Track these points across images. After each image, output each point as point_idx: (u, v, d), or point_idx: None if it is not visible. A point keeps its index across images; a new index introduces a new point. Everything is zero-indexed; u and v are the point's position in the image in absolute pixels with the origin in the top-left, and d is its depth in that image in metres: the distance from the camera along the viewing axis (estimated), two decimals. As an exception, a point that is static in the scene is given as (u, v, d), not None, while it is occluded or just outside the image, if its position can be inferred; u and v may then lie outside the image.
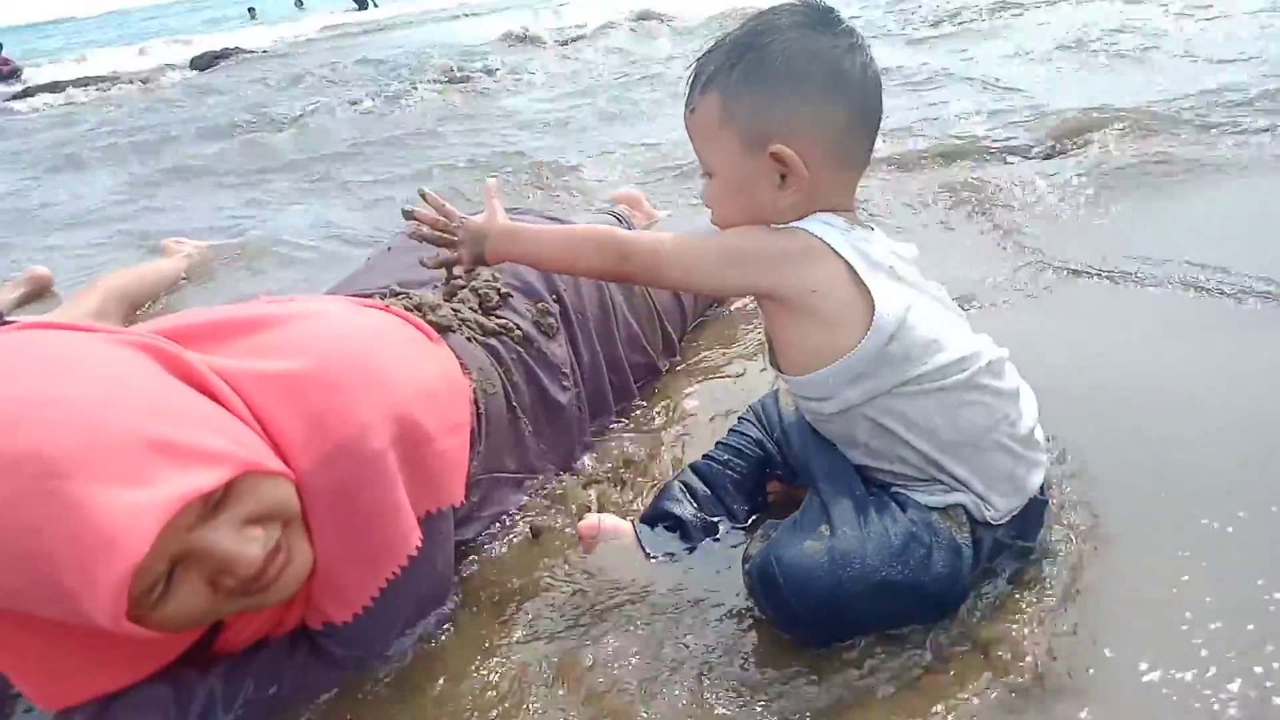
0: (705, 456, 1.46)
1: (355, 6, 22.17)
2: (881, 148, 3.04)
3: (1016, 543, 1.21)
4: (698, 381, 1.87)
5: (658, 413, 1.77)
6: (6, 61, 12.45)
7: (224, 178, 4.66)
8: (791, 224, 1.15)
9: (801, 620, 1.14)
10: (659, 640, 1.21)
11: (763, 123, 1.12)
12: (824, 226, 1.14)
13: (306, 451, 1.09)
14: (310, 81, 7.58)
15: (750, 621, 1.22)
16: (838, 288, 1.12)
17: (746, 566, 1.19)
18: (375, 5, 22.21)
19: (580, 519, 1.42)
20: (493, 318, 1.54)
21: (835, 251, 1.12)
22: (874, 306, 1.10)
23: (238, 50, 12.03)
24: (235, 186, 4.44)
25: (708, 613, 1.25)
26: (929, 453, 1.16)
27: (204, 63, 11.36)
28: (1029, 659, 1.09)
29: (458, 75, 6.72)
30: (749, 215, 1.17)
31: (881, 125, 1.19)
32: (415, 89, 6.31)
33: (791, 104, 1.11)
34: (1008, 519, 1.18)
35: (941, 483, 1.17)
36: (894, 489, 1.20)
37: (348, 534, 1.13)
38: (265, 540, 1.02)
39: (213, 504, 0.98)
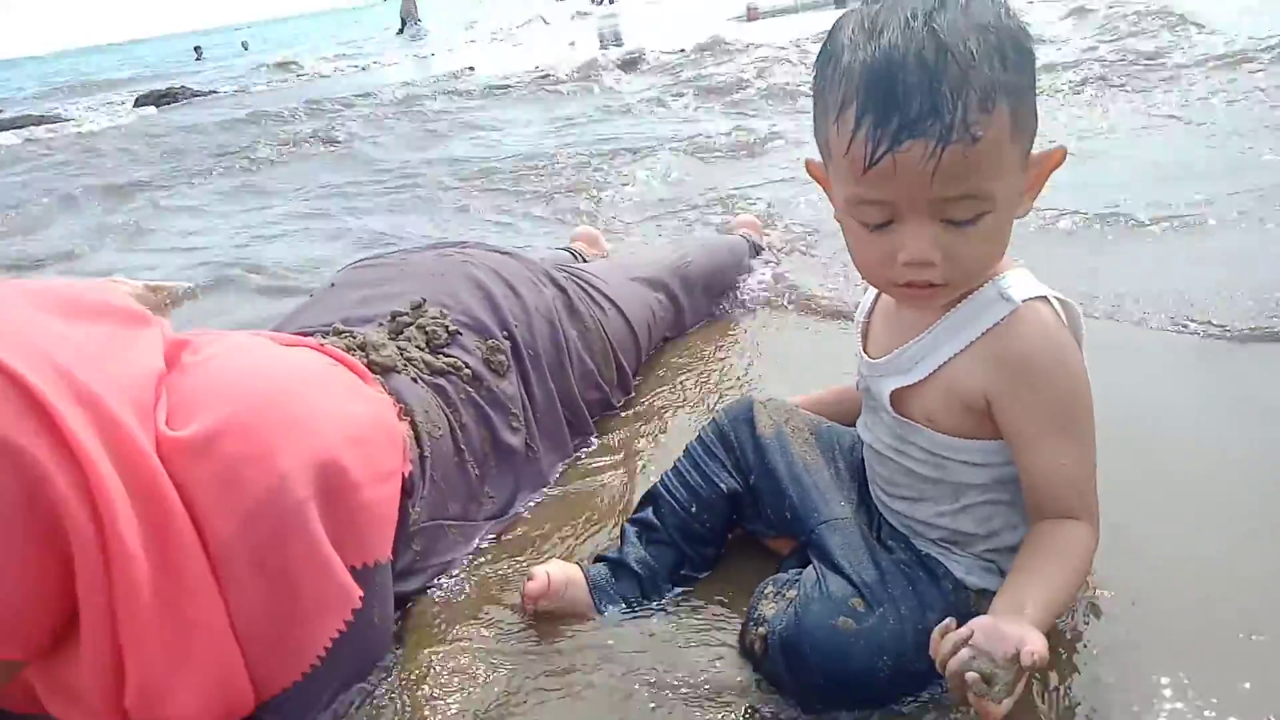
0: (665, 487, 1.35)
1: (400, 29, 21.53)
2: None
3: None
4: (655, 416, 1.83)
5: (614, 450, 1.72)
6: None
7: (173, 217, 4.56)
8: (1029, 294, 1.00)
9: (818, 693, 1.07)
10: (616, 708, 1.12)
11: (1033, 120, 0.94)
12: (1043, 285, 1.03)
13: (225, 513, 1.02)
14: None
15: (720, 682, 1.14)
16: None
17: (762, 630, 1.11)
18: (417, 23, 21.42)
19: (528, 576, 1.29)
20: (440, 356, 1.48)
21: (1060, 316, 1.02)
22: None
23: (184, 89, 11.88)
24: (182, 226, 4.34)
25: (672, 676, 1.16)
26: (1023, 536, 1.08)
27: (150, 100, 11.20)
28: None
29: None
30: (1000, 252, 1.00)
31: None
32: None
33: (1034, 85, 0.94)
34: None
35: (993, 563, 1.11)
36: (921, 548, 1.14)
37: (280, 594, 1.05)
38: None
39: None
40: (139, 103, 11.32)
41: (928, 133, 0.87)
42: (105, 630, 0.96)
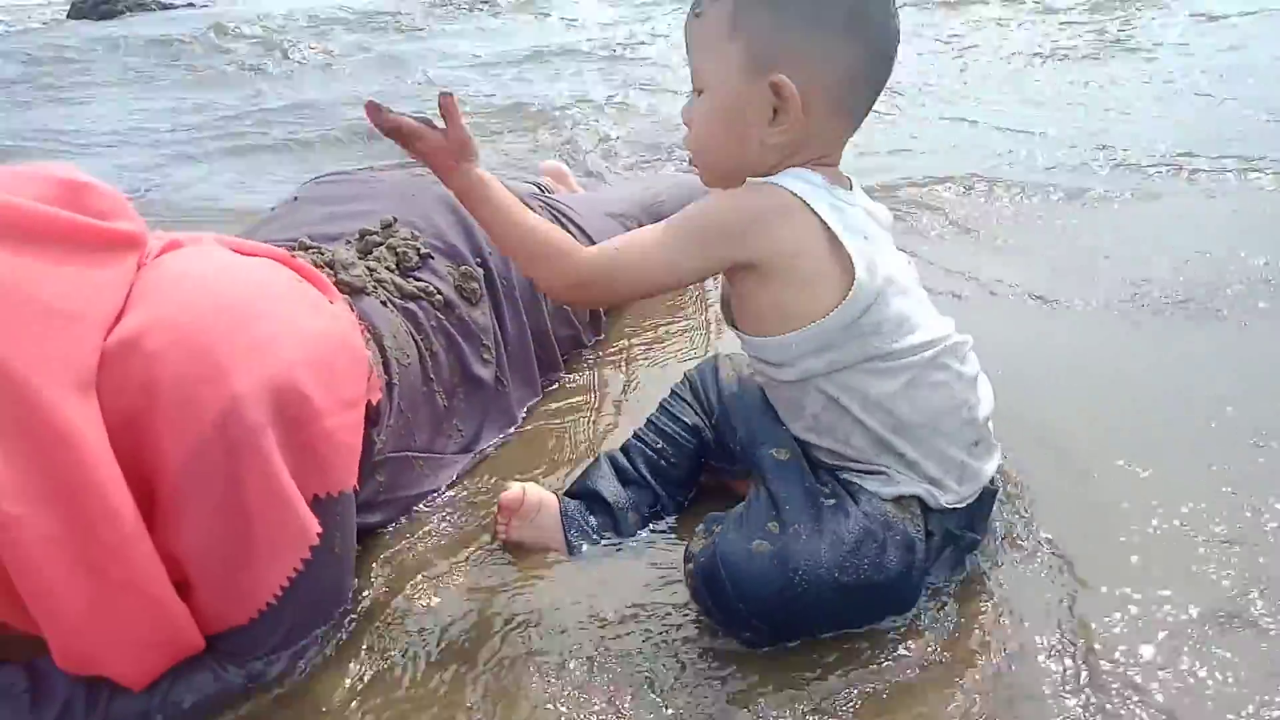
0: (636, 437, 1.35)
1: None
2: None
3: (967, 534, 1.15)
4: (625, 356, 1.78)
5: (584, 390, 1.67)
6: None
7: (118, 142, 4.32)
8: (765, 179, 1.07)
9: (749, 623, 1.06)
10: (587, 647, 1.10)
11: (771, 46, 1.03)
12: (802, 184, 1.06)
13: (176, 440, 0.93)
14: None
15: (690, 627, 1.12)
16: (815, 248, 1.05)
17: (690, 566, 1.10)
18: None
19: (504, 489, 1.27)
20: (411, 279, 1.40)
21: (812, 209, 1.04)
22: (853, 273, 1.04)
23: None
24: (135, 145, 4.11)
25: (640, 616, 1.14)
26: (881, 434, 1.09)
27: (85, 10, 10.60)
28: (987, 656, 1.05)
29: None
30: (728, 147, 1.09)
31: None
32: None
33: (806, 33, 1.03)
34: (962, 505, 1.12)
35: (885, 472, 1.11)
36: (843, 476, 1.13)
37: (232, 531, 0.97)
38: None
39: None
40: (74, 14, 10.71)
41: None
42: None
